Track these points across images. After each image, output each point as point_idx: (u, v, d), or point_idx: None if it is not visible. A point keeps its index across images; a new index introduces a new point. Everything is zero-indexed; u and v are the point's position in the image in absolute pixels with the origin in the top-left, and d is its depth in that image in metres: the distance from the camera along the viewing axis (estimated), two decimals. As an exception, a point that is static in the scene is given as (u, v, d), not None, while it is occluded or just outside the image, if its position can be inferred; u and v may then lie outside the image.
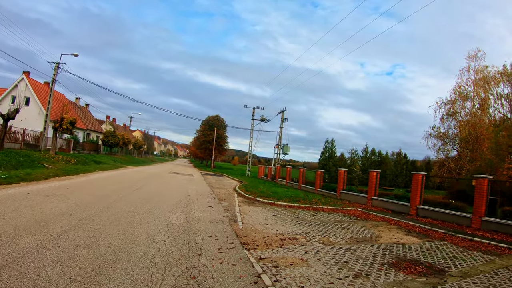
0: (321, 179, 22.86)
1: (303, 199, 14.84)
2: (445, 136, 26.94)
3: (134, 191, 10.90)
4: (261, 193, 15.33)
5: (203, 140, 50.96)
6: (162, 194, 11.10)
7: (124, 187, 11.88)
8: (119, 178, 15.08)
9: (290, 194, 17.03)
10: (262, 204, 12.14)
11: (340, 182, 19.70)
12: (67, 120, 22.06)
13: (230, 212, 9.13)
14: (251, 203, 11.88)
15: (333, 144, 44.37)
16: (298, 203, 13.17)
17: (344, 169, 20.39)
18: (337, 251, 5.82)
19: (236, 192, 15.21)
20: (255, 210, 10.07)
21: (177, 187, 14.47)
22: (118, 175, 16.71)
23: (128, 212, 7.19)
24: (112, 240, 4.88)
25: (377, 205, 15.47)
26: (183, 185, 15.92)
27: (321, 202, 14.63)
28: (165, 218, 7.04)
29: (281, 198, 13.93)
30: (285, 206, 12.39)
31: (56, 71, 28.59)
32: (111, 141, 36.52)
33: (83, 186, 10.64)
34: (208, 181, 21.69)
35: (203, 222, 7.08)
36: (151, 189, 12.34)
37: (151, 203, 8.75)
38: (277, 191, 18.03)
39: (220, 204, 10.63)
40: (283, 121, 41.18)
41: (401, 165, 56.44)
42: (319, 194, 20.75)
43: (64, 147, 31.89)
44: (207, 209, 9.09)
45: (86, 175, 14.76)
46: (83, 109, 48.93)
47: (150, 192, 11.20)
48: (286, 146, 40.89)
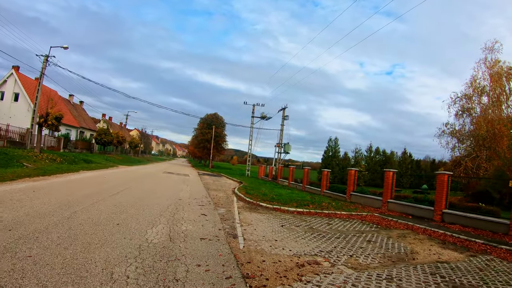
0: (327, 180, 21.17)
1: (312, 203, 13.13)
2: (459, 133, 25.23)
3: (114, 195, 9.14)
4: (263, 196, 13.61)
5: (201, 139, 49.09)
6: (148, 199, 9.34)
7: (105, 189, 10.12)
8: (103, 179, 13.32)
9: (296, 196, 15.35)
10: (266, 210, 10.40)
11: (350, 184, 18.03)
12: (53, 116, 20.29)
13: (228, 222, 7.38)
14: (253, 209, 10.14)
15: (337, 143, 42.72)
16: (307, 208, 11.45)
17: (355, 169, 18.68)
18: (376, 281, 4.10)
19: (236, 195, 13.47)
20: (258, 219, 8.32)
21: (168, 189, 12.72)
22: (103, 176, 14.95)
23: (93, 225, 5.44)
24: (43, 277, 3.13)
25: (394, 209, 13.82)
26: (176, 186, 14.17)
27: (332, 206, 12.93)
28: (141, 234, 5.29)
29: (287, 203, 12.20)
30: (293, 212, 10.66)
31: (45, 64, 26.89)
32: (104, 139, 34.71)
33: (54, 189, 8.88)
34: (205, 181, 19.95)
35: (191, 240, 5.33)
36: (136, 192, 10.58)
37: (130, 211, 7.00)
38: (280, 193, 16.35)
39: (216, 210, 8.88)
40: (285, 119, 39.50)
41: (406, 165, 54.83)
42: (326, 196, 19.12)
43: (54, 145, 30.12)
44: (200, 218, 7.34)
45: (66, 176, 13.00)
46: (77, 107, 47.12)
47: (134, 196, 9.44)
48: (288, 145, 39.21)
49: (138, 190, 11.16)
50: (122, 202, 8.12)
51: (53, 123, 20.19)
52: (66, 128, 36.77)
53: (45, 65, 26.86)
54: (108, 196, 8.84)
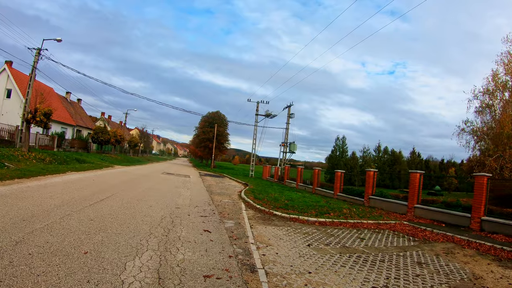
0: (341, 182, 19.42)
1: (331, 210, 11.40)
2: (481, 131, 23.39)
3: (96, 204, 7.39)
4: (274, 202, 11.87)
5: (202, 138, 47.27)
6: (138, 208, 7.59)
7: (86, 196, 8.38)
8: (90, 182, 11.59)
9: (309, 201, 13.63)
10: (282, 221, 8.63)
11: (369, 186, 16.29)
12: (41, 111, 18.59)
13: (240, 242, 5.61)
14: (266, 220, 8.37)
15: (344, 142, 40.92)
16: (329, 217, 9.70)
17: (373, 169, 16.92)
18: None
19: (243, 201, 11.71)
20: (277, 235, 6.56)
21: (164, 194, 10.96)
22: (92, 178, 13.21)
23: (44, 258, 3.68)
24: None
25: (421, 216, 12.16)
26: (174, 190, 12.42)
27: (355, 214, 11.20)
28: (116, 271, 3.53)
29: (304, 210, 10.44)
30: (314, 223, 8.90)
31: (37, 58, 25.22)
32: (101, 138, 33.01)
33: (20, 197, 7.14)
34: (207, 183, 18.20)
35: (191, 279, 3.57)
36: (126, 198, 8.83)
37: (109, 229, 5.25)
38: (291, 197, 14.62)
39: (223, 223, 7.12)
40: (290, 117, 37.74)
41: (415, 165, 52.99)
42: (340, 199, 17.44)
43: (48, 144, 28.44)
44: (202, 238, 5.57)
45: (47, 178, 11.28)
46: (74, 104, 45.47)
47: (121, 205, 7.70)
48: (293, 144, 37.45)
49: (129, 196, 9.40)
50: (103, 214, 6.37)
51: (42, 120, 18.47)
52: (61, 126, 35.14)
53: (38, 59, 25.23)
54: (87, 205, 7.09)
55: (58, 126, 34.16)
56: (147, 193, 10.51)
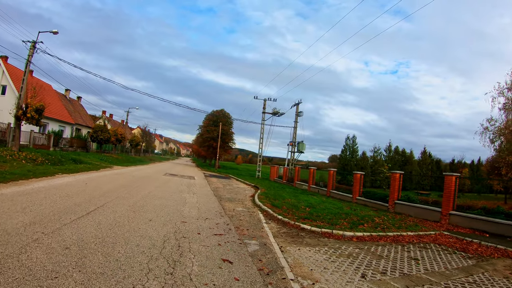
0: (361, 185, 17.73)
1: (362, 219, 9.74)
2: (508, 129, 21.57)
3: (79, 220, 5.75)
4: (294, 209, 10.24)
5: (206, 137, 45.55)
6: (132, 225, 5.94)
7: (70, 207, 6.75)
8: (80, 188, 9.96)
9: (331, 207, 12.01)
10: (314, 237, 6.95)
11: (395, 190, 14.57)
12: (33, 107, 17.01)
13: (275, 280, 3.92)
14: (296, 238, 6.68)
15: (355, 141, 39.07)
16: (366, 230, 8.07)
17: (399, 171, 15.23)
18: None
19: (259, 209, 10.04)
20: (318, 263, 4.86)
21: (167, 201, 9.31)
22: (85, 181, 11.60)
23: None
24: None
25: (458, 224, 10.66)
26: (178, 196, 10.77)
27: (389, 223, 9.57)
28: None
29: (332, 221, 8.79)
30: (351, 238, 7.24)
31: (32, 51, 23.66)
32: (101, 136, 31.44)
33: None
34: (214, 186, 16.55)
35: None
36: (119, 210, 7.18)
37: (88, 266, 3.58)
38: (310, 202, 12.99)
39: (245, 246, 5.44)
40: (298, 115, 36.03)
41: (426, 165, 51.13)
42: (360, 204, 15.86)
43: (44, 143, 26.90)
44: (222, 274, 3.89)
45: (31, 182, 9.67)
46: (74, 102, 43.99)
47: (112, 221, 6.05)
48: (302, 144, 35.79)
49: (124, 205, 7.75)
50: (86, 237, 4.71)
51: (33, 116, 16.89)
52: (59, 124, 33.60)
53: (32, 52, 23.68)
54: (67, 222, 5.44)
55: (56, 124, 32.64)
56: (146, 200, 8.85)
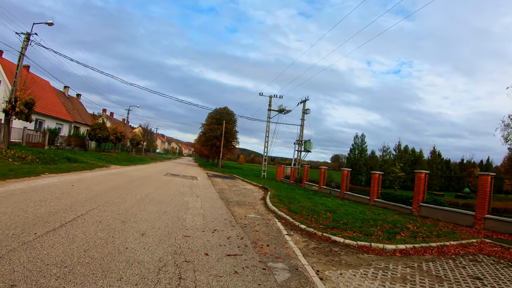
0: (379, 186, 16.25)
1: (394, 226, 8.31)
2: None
3: (49, 234, 4.28)
4: (314, 214, 8.80)
5: (209, 136, 44.00)
6: (118, 242, 4.46)
7: (44, 215, 5.29)
8: (65, 190, 8.51)
9: (353, 211, 10.61)
10: (351, 253, 5.45)
11: (420, 191, 13.10)
12: (22, 101, 15.61)
13: None
14: (330, 256, 5.17)
15: (363, 140, 37.47)
16: (405, 241, 6.57)
17: (425, 171, 13.74)
18: None
19: (275, 215, 8.53)
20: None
21: (166, 207, 7.82)
22: (72, 183, 10.15)
23: None
24: None
25: (494, 229, 9.40)
26: (180, 200, 9.29)
27: (425, 230, 8.16)
28: None
29: (364, 229, 7.29)
30: (394, 252, 5.79)
31: (26, 43, 22.29)
32: (99, 134, 30.03)
33: None
34: (219, 187, 15.07)
35: None
36: (104, 219, 5.72)
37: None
38: (328, 205, 11.57)
39: (270, 272, 3.93)
40: (305, 113, 34.51)
41: (436, 165, 49.42)
42: (379, 206, 14.47)
43: (40, 140, 25.52)
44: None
45: (8, 183, 8.24)
46: (73, 100, 42.66)
47: (93, 235, 4.58)
48: (309, 142, 34.26)
49: (112, 213, 6.28)
50: (48, 262, 3.23)
51: (22, 110, 15.48)
52: (56, 122, 32.25)
53: (26, 44, 22.31)
54: (32, 238, 3.97)
55: (53, 121, 31.29)
56: (141, 206, 7.37)
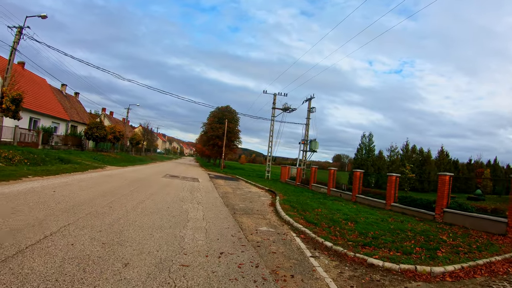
0: (396, 189, 14.98)
1: (427, 239, 7.06)
2: None
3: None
4: (334, 225, 7.53)
5: (211, 135, 42.68)
6: (89, 280, 3.17)
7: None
8: (37, 199, 7.24)
9: (374, 218, 9.44)
10: (397, 282, 4.17)
11: (443, 195, 11.85)
12: (9, 97, 14.39)
13: None
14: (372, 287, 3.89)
15: (371, 139, 36.06)
16: (453, 261, 5.30)
17: (449, 173, 12.47)
18: None
19: (291, 227, 7.22)
20: None
21: (160, 220, 6.54)
22: (53, 188, 8.89)
23: None
24: None
25: None
26: (178, 209, 8.01)
27: (463, 243, 6.91)
28: None
29: (396, 245, 6.05)
30: (443, 275, 4.61)
31: (18, 37, 21.12)
32: (96, 133, 28.81)
33: None
34: (222, 191, 13.80)
35: None
36: (80, 240, 4.47)
37: None
38: (344, 212, 10.37)
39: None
40: (311, 111, 33.24)
41: (444, 165, 48.01)
42: (396, 211, 13.25)
43: (34, 140, 24.30)
44: None
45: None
46: (70, 98, 41.45)
47: (58, 266, 3.31)
48: (315, 142, 33.00)
49: (90, 231, 5.00)
50: None
51: (9, 107, 14.26)
52: (52, 120, 31.05)
53: (19, 38, 21.15)
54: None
55: (48, 120, 30.09)
56: (130, 219, 6.09)
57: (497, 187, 50.53)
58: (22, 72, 31.50)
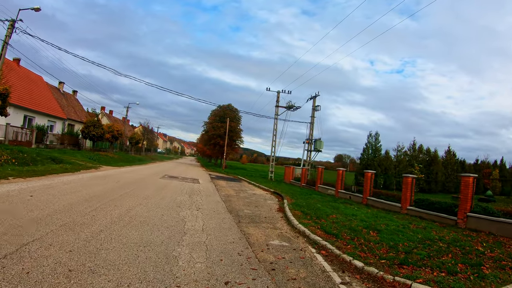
0: (412, 191, 13.87)
1: (464, 251, 5.91)
2: None
3: None
4: (358, 236, 6.40)
5: (212, 134, 41.52)
6: None
7: None
8: (6, 206, 6.17)
9: (394, 225, 8.33)
10: None
11: (467, 198, 10.84)
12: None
13: None
14: None
15: (378, 139, 34.82)
16: (507, 281, 4.12)
17: (473, 175, 11.35)
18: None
19: (307, 241, 6.08)
20: None
21: (150, 232, 5.42)
22: (29, 193, 7.81)
23: None
24: None
25: None
26: (173, 216, 6.91)
27: (507, 257, 5.74)
28: None
29: (442, 265, 4.92)
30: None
31: (10, 31, 20.16)
32: (93, 132, 27.75)
33: None
34: (224, 193, 12.70)
35: None
36: (30, 274, 3.32)
37: None
38: (361, 217, 9.28)
39: None
40: (315, 109, 32.12)
41: (452, 166, 46.76)
42: (412, 215, 12.24)
43: (27, 138, 23.25)
44: None
45: None
46: (68, 96, 40.41)
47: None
48: (319, 141, 31.87)
49: (56, 252, 3.89)
50: None
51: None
52: (48, 119, 30.04)
53: (11, 32, 20.19)
54: None
55: (44, 118, 29.06)
56: (113, 232, 4.99)
57: (505, 188, 49.25)
58: (17, 69, 30.46)
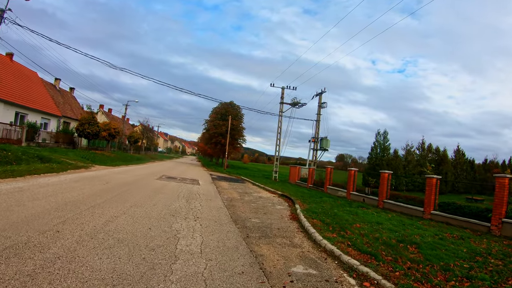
0: (436, 193, 12.49)
1: None
2: None
3: None
4: (393, 252, 4.92)
5: (213, 133, 40.05)
6: None
7: None
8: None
9: (429, 236, 6.85)
10: None
11: (503, 203, 9.43)
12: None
13: None
14: None
15: (386, 137, 33.34)
16: None
17: (509, 175, 9.91)
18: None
19: (340, 265, 4.56)
20: None
21: (128, 256, 3.98)
22: (7, 196, 6.40)
23: None
24: None
25: None
26: (164, 229, 5.46)
27: None
28: None
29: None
30: None
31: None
32: (88, 130, 26.36)
33: None
34: (227, 197, 11.28)
35: None
36: None
37: None
38: (388, 227, 7.80)
39: None
40: (321, 107, 30.67)
41: (461, 165, 45.22)
42: (438, 220, 10.89)
43: (17, 136, 21.90)
44: None
45: None
46: (64, 93, 39.05)
47: None
48: (326, 140, 30.39)
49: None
50: None
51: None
52: (42, 116, 28.69)
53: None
54: None
55: (37, 115, 27.72)
56: (76, 257, 3.56)
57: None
58: (9, 64, 29.12)
